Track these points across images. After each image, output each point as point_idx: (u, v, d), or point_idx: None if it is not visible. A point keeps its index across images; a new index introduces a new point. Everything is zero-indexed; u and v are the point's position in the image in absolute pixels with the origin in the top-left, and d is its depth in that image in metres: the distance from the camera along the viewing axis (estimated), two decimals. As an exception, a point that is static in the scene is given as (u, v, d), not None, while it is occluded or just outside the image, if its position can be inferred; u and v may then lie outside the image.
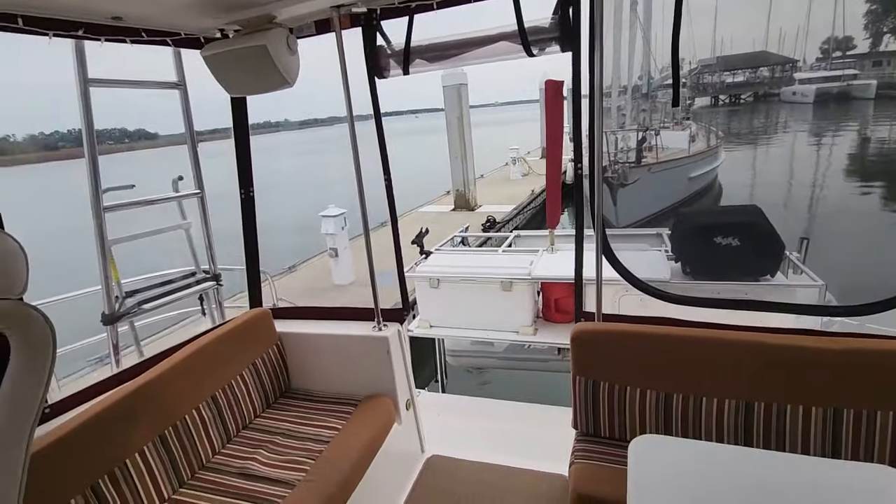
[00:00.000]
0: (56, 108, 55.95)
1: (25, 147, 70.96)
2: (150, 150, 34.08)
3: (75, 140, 59.97)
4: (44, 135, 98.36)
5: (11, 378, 0.78)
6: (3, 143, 54.54)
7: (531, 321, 3.50)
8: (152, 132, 77.90)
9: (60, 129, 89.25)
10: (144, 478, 1.63)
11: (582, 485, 1.60)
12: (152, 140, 58.60)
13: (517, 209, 11.93)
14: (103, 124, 2.03)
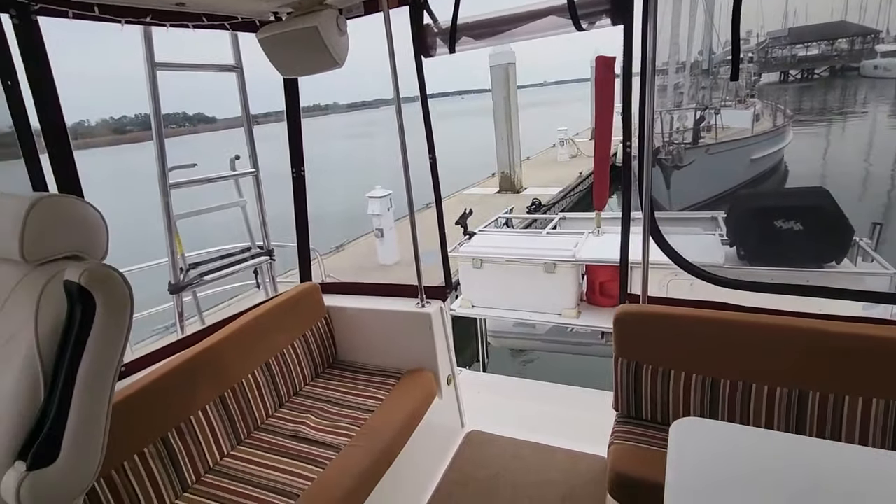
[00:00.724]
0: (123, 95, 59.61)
1: (98, 131, 76.26)
2: (209, 133, 35.83)
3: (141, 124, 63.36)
4: (113, 119, 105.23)
5: (97, 332, 0.88)
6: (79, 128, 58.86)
7: (574, 304, 3.47)
8: (210, 116, 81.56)
9: (128, 113, 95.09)
10: (207, 434, 1.77)
11: (621, 464, 1.60)
12: (211, 124, 61.49)
13: (563, 192, 11.69)
14: (166, 109, 2.17)
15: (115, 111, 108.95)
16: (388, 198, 7.69)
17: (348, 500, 1.60)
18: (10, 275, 0.97)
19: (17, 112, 1.47)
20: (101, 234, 1.02)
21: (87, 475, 0.88)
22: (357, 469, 1.68)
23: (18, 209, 0.93)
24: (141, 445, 1.57)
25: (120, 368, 0.94)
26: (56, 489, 0.83)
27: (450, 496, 2.09)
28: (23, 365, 0.86)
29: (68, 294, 0.89)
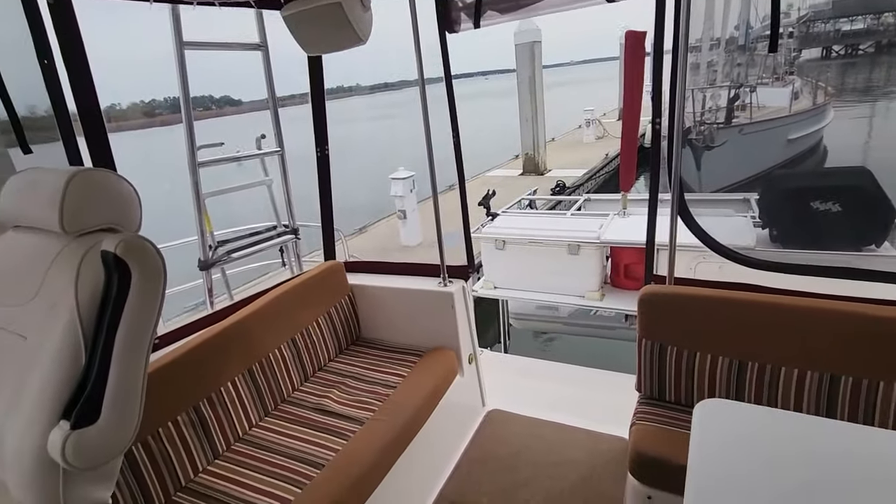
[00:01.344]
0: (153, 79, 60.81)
1: (130, 114, 78.25)
2: (235, 115, 36.38)
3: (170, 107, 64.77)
4: (143, 103, 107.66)
5: (133, 300, 0.91)
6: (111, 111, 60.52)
7: (598, 286, 3.43)
8: (236, 99, 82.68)
9: (157, 97, 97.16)
10: (236, 404, 1.84)
11: (642, 444, 1.59)
12: (237, 106, 62.44)
13: (589, 174, 11.48)
14: (193, 92, 2.20)
15: (145, 95, 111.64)
16: (410, 179, 7.69)
17: (371, 472, 1.65)
18: (52, 246, 1.01)
19: (54, 92, 1.51)
20: (135, 207, 1.06)
21: (126, 436, 0.92)
22: (380, 442, 1.72)
23: (57, 182, 0.97)
24: (174, 413, 1.64)
25: (154, 337, 0.98)
26: (97, 447, 0.88)
27: (470, 472, 2.13)
28: (64, 331, 0.90)
29: (105, 264, 0.93)
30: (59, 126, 1.54)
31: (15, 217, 1.12)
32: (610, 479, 2.01)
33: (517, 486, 2.03)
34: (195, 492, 1.58)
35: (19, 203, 1.08)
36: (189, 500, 1.55)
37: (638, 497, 1.58)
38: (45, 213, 0.98)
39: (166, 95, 64.98)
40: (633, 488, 1.59)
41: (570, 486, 2.01)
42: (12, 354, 0.96)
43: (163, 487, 1.56)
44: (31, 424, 0.88)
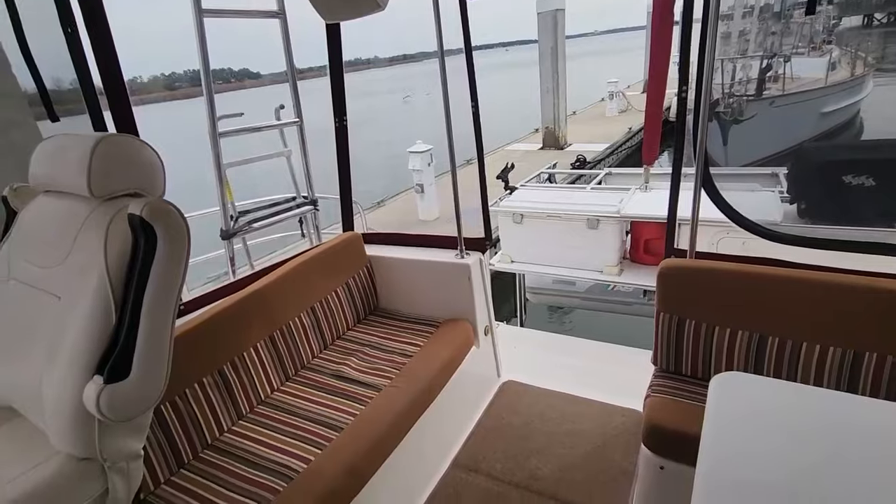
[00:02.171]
0: (173, 51, 60.94)
1: (151, 87, 78.75)
2: (255, 88, 36.31)
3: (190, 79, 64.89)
4: (164, 75, 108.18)
5: (159, 262, 0.94)
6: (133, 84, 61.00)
7: (617, 261, 3.40)
8: (255, 72, 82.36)
9: (177, 70, 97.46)
10: (258, 369, 1.90)
11: (656, 416, 1.60)
12: (256, 79, 62.24)
13: (611, 148, 11.22)
14: (213, 65, 2.20)
15: (165, 68, 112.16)
16: (428, 153, 7.64)
17: (388, 436, 1.70)
18: (81, 210, 1.04)
19: (78, 61, 1.53)
20: (159, 173, 1.08)
21: (155, 391, 0.97)
22: (397, 408, 1.77)
23: (84, 147, 0.99)
24: (200, 375, 1.70)
25: (180, 298, 1.01)
26: (129, 401, 0.92)
27: (484, 440, 2.17)
28: (95, 291, 0.94)
29: (132, 227, 0.96)
30: (84, 96, 1.56)
31: (45, 182, 1.15)
32: (622, 450, 2.04)
33: (530, 453, 2.07)
34: (221, 449, 1.66)
35: (49, 168, 1.11)
36: (216, 457, 1.62)
37: (650, 467, 1.60)
38: (74, 178, 1.01)
39: (186, 68, 64.99)
40: (646, 458, 1.61)
41: (581, 456, 2.04)
42: (48, 313, 1.01)
43: (191, 444, 1.63)
44: (67, 379, 0.93)
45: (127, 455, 1.00)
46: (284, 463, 1.55)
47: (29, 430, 1.08)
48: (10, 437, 1.09)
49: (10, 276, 1.14)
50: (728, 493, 0.87)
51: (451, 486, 1.96)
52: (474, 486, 1.95)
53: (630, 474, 1.91)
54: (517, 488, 1.91)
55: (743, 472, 0.91)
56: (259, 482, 1.49)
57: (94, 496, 0.95)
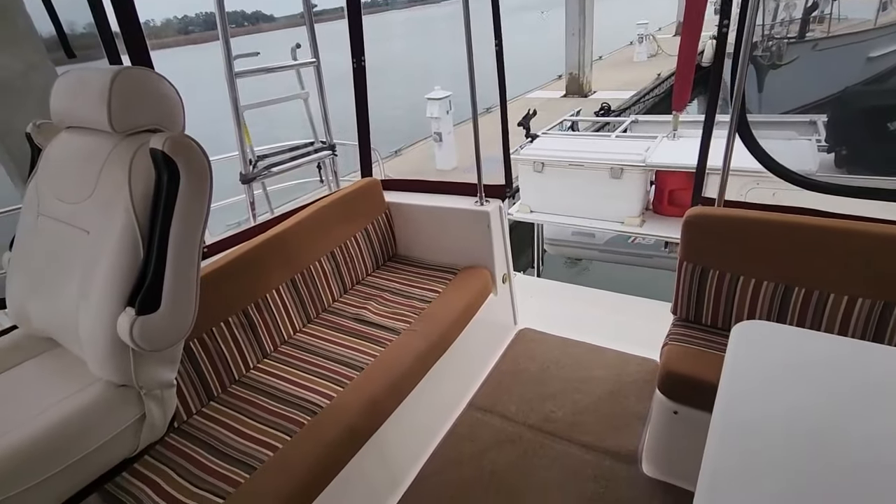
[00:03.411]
0: (185, -9, 59.19)
1: (164, 31, 77.09)
2: (270, 32, 35.07)
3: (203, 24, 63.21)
4: (177, 19, 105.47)
5: (182, 197, 0.95)
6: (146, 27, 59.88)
7: (639, 212, 3.32)
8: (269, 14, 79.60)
9: (189, 13, 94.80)
10: (281, 311, 1.95)
11: (673, 363, 1.61)
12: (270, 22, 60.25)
13: (637, 96, 10.75)
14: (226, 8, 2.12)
15: (178, 10, 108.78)
16: (447, 100, 7.43)
17: (407, 376, 1.75)
18: (103, 145, 1.04)
19: (95, 3, 1.48)
20: (178, 108, 1.06)
21: (184, 323, 1.00)
22: (415, 351, 1.81)
23: (103, 80, 0.98)
24: (226, 314, 1.76)
25: (205, 232, 1.02)
26: (159, 332, 0.96)
27: (500, 384, 2.23)
28: (122, 225, 0.96)
29: (155, 161, 0.96)
30: (101, 39, 1.53)
31: (67, 118, 1.15)
32: (636, 396, 2.07)
33: (545, 398, 2.12)
34: (248, 385, 1.74)
35: (70, 103, 1.10)
36: (243, 392, 1.70)
37: (664, 411, 1.63)
38: (95, 113, 1.00)
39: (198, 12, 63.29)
40: (660, 403, 1.64)
41: (595, 401, 2.08)
42: (79, 248, 1.04)
43: (219, 379, 1.71)
44: (101, 311, 0.97)
45: (160, 384, 1.05)
46: (308, 398, 1.62)
47: (70, 359, 1.14)
48: (53, 364, 1.15)
49: (39, 213, 1.16)
50: (743, 439, 0.88)
51: (467, 424, 2.04)
52: (489, 425, 2.02)
53: (643, 419, 1.95)
54: (531, 429, 1.98)
55: (760, 420, 0.91)
56: (285, 415, 1.57)
57: (133, 420, 1.01)
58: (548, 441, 1.92)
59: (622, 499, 1.67)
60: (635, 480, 1.73)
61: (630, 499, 1.66)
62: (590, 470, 1.78)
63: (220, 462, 1.42)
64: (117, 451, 1.01)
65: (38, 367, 1.16)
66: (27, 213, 1.20)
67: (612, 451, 1.84)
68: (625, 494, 1.68)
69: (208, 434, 1.53)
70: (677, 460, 1.70)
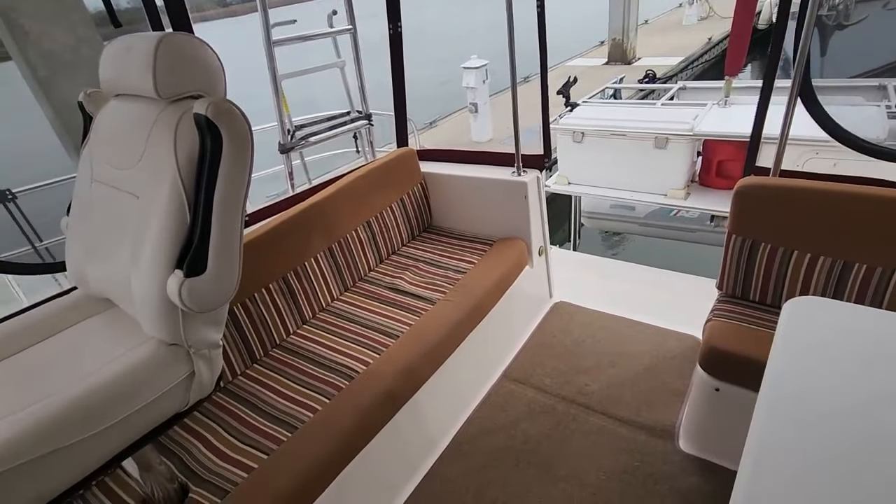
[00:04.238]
0: (223, -37, 59.33)
1: (204, 4, 78.22)
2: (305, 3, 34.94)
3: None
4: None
5: (226, 162, 0.96)
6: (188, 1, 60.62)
7: (684, 184, 3.18)
8: (304, -17, 79.00)
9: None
10: (319, 279, 1.99)
11: (716, 339, 1.55)
12: (306, -8, 59.78)
13: (685, 62, 10.16)
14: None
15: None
16: (483, 69, 7.23)
17: (442, 345, 1.77)
18: (150, 111, 1.07)
19: None
20: (220, 74, 1.07)
21: (230, 286, 1.03)
22: (450, 320, 1.82)
23: (148, 46, 0.99)
24: (267, 281, 1.81)
25: (247, 197, 1.04)
26: (206, 294, 0.99)
27: (534, 356, 2.22)
28: (169, 190, 0.98)
29: (198, 126, 0.97)
30: (146, 12, 1.55)
31: (115, 86, 1.18)
32: (674, 372, 2.03)
33: (579, 371, 2.11)
34: (288, 349, 1.80)
35: (117, 71, 1.13)
36: (284, 356, 1.76)
37: (705, 388, 1.59)
38: (141, 79, 1.02)
39: (236, -18, 63.69)
40: (701, 379, 1.59)
41: (632, 376, 2.05)
42: (129, 212, 1.08)
43: (261, 343, 1.78)
44: (151, 273, 1.01)
45: (208, 344, 1.09)
46: (345, 364, 1.67)
47: (125, 318, 1.20)
48: (110, 323, 1.22)
49: (93, 179, 1.21)
50: (791, 418, 0.84)
51: (500, 394, 2.05)
52: (522, 396, 2.03)
53: (681, 395, 1.91)
54: (564, 401, 1.97)
55: (810, 399, 0.87)
56: (323, 379, 1.62)
57: (183, 377, 1.06)
58: (581, 413, 1.91)
59: (657, 473, 1.65)
60: (671, 456, 1.70)
61: (665, 473, 1.64)
62: (624, 443, 1.77)
63: (263, 421, 1.49)
64: (169, 405, 1.07)
65: (97, 326, 1.24)
66: (81, 180, 1.25)
67: (648, 426, 1.81)
68: (660, 469, 1.66)
69: (252, 394, 1.60)
70: (716, 437, 1.66)
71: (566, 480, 1.67)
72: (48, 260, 3.17)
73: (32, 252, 3.18)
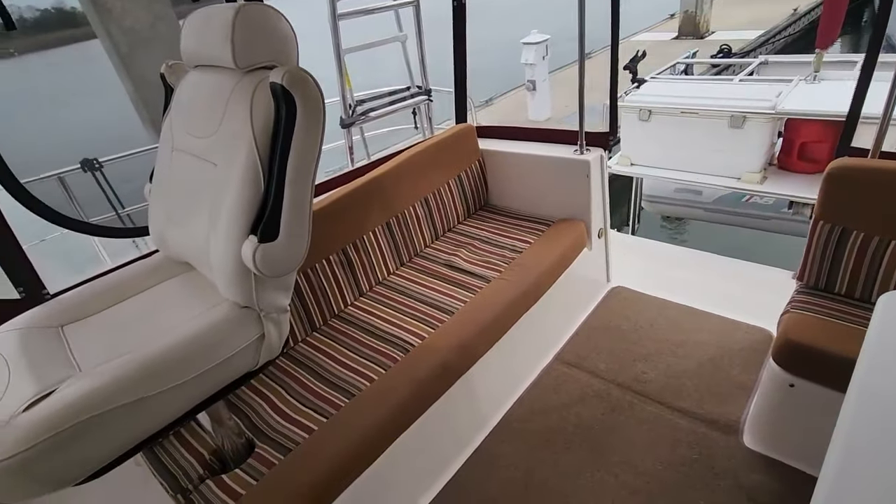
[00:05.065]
0: (285, -59, 60.17)
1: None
2: (363, -23, 34.74)
3: (303, -27, 65.30)
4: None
5: (299, 130, 0.98)
6: (251, -19, 62.25)
7: (761, 167, 2.94)
8: (363, -40, 78.64)
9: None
10: (377, 252, 2.02)
11: (794, 331, 1.44)
12: (363, -31, 59.24)
13: (766, 35, 9.36)
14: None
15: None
16: (544, 44, 6.99)
17: (496, 323, 1.76)
18: (228, 81, 1.10)
19: None
20: (293, 44, 1.09)
21: (299, 252, 1.06)
22: (505, 299, 1.81)
23: (226, 17, 1.02)
24: (327, 253, 1.86)
25: (317, 167, 1.06)
26: (278, 260, 1.03)
27: (589, 339, 2.17)
28: (245, 158, 1.02)
29: (274, 95, 0.99)
30: None
31: (195, 57, 1.23)
32: (741, 365, 1.92)
33: (636, 358, 2.04)
34: (346, 320, 1.85)
35: (197, 42, 1.17)
36: (342, 326, 1.82)
37: (778, 383, 1.49)
38: (219, 49, 1.05)
39: (298, -40, 64.55)
40: (774, 374, 1.49)
41: (694, 367, 1.96)
42: (208, 179, 1.13)
43: (321, 312, 1.84)
44: (227, 238, 1.05)
45: (277, 308, 1.14)
46: (401, 336, 1.69)
47: (202, 281, 1.27)
48: (189, 284, 1.30)
49: (174, 147, 1.27)
50: (885, 425, 0.76)
51: (553, 377, 2.03)
52: (575, 379, 1.99)
53: (748, 390, 1.81)
54: (619, 388, 1.92)
55: None
56: (380, 350, 1.65)
57: (254, 338, 1.12)
58: (638, 401, 1.86)
59: (718, 467, 1.58)
60: (734, 451, 1.62)
61: (727, 469, 1.57)
62: (683, 435, 1.70)
63: (322, 386, 1.55)
64: (241, 364, 1.13)
65: (176, 287, 1.32)
66: (163, 148, 1.32)
67: (710, 419, 1.73)
68: (721, 464, 1.59)
69: (312, 360, 1.66)
70: (787, 436, 1.56)
71: (619, 467, 1.63)
72: (129, 225, 3.42)
73: (115, 217, 3.44)
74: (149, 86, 3.73)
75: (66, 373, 1.00)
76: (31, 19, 52.17)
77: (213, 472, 1.34)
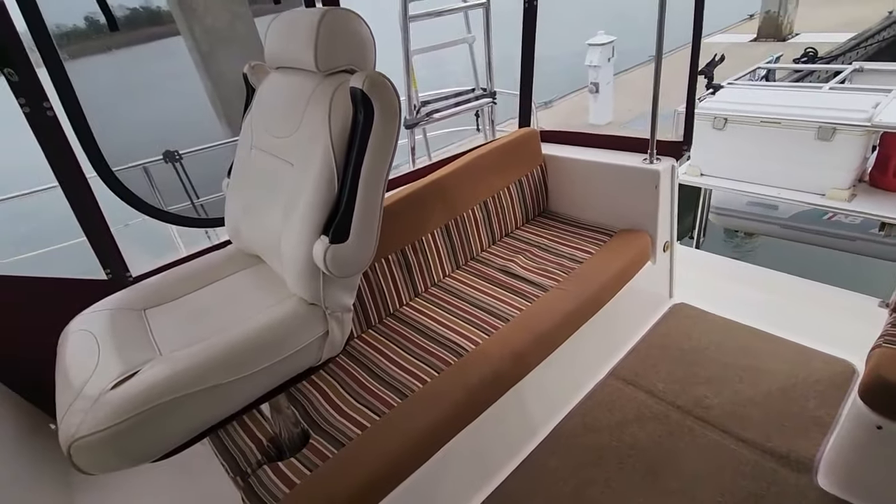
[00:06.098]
0: (355, -58, 61.76)
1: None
2: (436, -24, 34.94)
3: (370, -26, 66.99)
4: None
5: (375, 135, 1.00)
6: (321, -19, 64.60)
7: (850, 184, 2.71)
8: (432, -41, 79.38)
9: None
10: (434, 255, 2.03)
11: (888, 369, 1.31)
12: (430, -32, 59.77)
13: (858, 38, 8.61)
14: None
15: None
16: (610, 46, 6.78)
17: (552, 334, 1.72)
18: (308, 84, 1.14)
19: None
20: (372, 49, 1.11)
21: (367, 254, 1.08)
22: (562, 309, 1.76)
23: (311, 21, 1.05)
24: (387, 252, 1.88)
25: (388, 178, 1.07)
26: (347, 262, 1.05)
27: (647, 356, 2.08)
28: (322, 159, 1.05)
29: (353, 99, 1.01)
30: None
31: (278, 59, 1.27)
32: (818, 399, 1.77)
33: (698, 381, 1.93)
34: (400, 319, 1.87)
35: (281, 44, 1.22)
36: (396, 325, 1.84)
37: (863, 423, 1.36)
38: (303, 52, 1.09)
39: (368, -39, 66.19)
40: (860, 412, 1.37)
41: (763, 395, 1.83)
42: (284, 178, 1.17)
43: (377, 310, 1.87)
44: (300, 236, 1.08)
45: (342, 307, 1.17)
46: (455, 340, 1.69)
47: (272, 275, 1.32)
48: (260, 277, 1.36)
49: (253, 145, 1.33)
50: None
51: (607, 393, 1.96)
52: (631, 398, 1.92)
53: (825, 426, 1.67)
54: (679, 411, 1.82)
55: None
56: (433, 352, 1.66)
57: (319, 335, 1.15)
58: (698, 427, 1.76)
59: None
60: (806, 491, 1.50)
61: None
62: (748, 468, 1.59)
63: (377, 385, 1.57)
64: (305, 359, 1.16)
65: (247, 279, 1.38)
66: (243, 146, 1.38)
67: (780, 454, 1.61)
68: (790, 502, 1.48)
69: (367, 358, 1.69)
70: (869, 481, 1.43)
71: (676, 495, 1.55)
72: (202, 215, 3.63)
73: (191, 207, 3.66)
74: (226, 83, 3.94)
75: (149, 355, 1.07)
76: (123, 18, 56.87)
77: (269, 458, 1.40)
